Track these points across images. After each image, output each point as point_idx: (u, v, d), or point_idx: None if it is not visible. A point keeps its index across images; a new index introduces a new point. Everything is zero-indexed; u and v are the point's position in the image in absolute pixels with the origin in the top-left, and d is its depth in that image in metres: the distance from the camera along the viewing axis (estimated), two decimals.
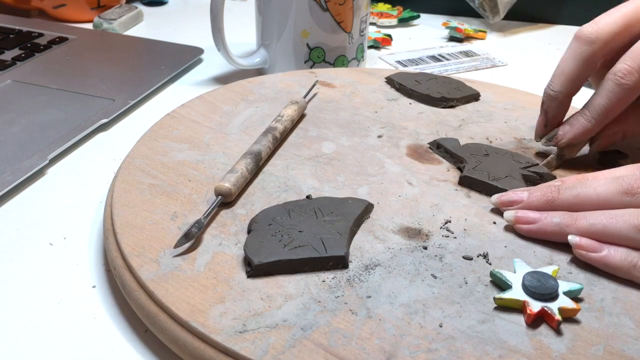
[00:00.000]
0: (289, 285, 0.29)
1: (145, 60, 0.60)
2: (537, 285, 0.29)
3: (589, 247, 0.31)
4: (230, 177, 0.35)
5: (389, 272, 0.31)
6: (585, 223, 0.31)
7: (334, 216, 0.33)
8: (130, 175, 0.37)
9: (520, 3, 0.76)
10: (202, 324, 0.27)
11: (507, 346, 0.27)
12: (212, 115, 0.45)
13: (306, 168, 0.39)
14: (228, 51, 0.55)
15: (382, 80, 0.53)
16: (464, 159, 0.39)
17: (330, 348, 0.26)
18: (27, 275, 0.33)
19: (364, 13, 0.58)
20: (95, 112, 0.49)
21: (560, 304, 0.28)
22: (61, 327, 0.30)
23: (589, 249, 0.31)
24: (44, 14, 0.74)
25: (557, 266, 0.30)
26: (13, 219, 0.38)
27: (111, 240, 0.33)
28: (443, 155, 0.41)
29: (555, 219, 0.32)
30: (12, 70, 0.56)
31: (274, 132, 0.41)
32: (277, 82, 0.51)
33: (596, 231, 0.31)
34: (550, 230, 0.32)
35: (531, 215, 0.33)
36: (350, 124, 0.45)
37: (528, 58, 0.68)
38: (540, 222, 0.33)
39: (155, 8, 0.81)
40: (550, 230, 0.32)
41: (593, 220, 0.31)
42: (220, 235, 0.33)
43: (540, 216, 0.33)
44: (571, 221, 0.32)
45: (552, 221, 0.32)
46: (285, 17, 0.55)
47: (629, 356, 0.27)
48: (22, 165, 0.41)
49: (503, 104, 0.50)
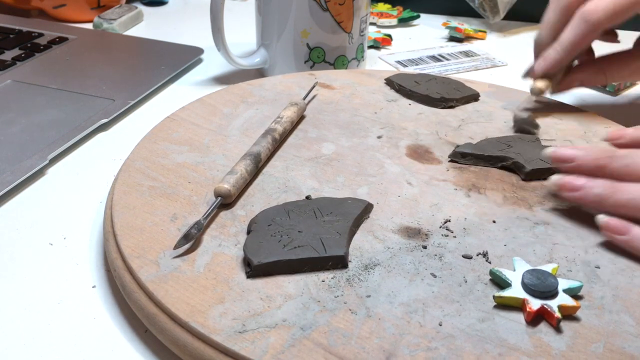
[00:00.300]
0: (289, 285, 0.29)
1: (145, 60, 0.61)
2: (536, 283, 0.29)
3: (615, 229, 0.31)
4: (230, 179, 0.35)
5: (389, 272, 0.31)
6: (624, 198, 0.31)
7: (333, 216, 0.33)
8: (130, 177, 0.37)
9: (520, 3, 0.76)
10: (202, 324, 0.27)
11: (507, 344, 0.27)
12: (211, 118, 0.45)
13: (306, 169, 0.39)
14: (228, 51, 0.55)
15: (382, 82, 0.53)
16: (507, 158, 0.40)
17: (330, 347, 0.26)
18: (27, 275, 0.33)
19: (364, 13, 0.58)
20: (95, 112, 0.49)
21: (560, 302, 0.28)
22: (61, 327, 0.30)
23: (615, 230, 0.31)
24: (44, 14, 0.74)
25: (556, 264, 0.30)
26: (13, 219, 0.38)
27: (111, 242, 0.33)
28: (474, 162, 0.41)
29: (597, 189, 0.33)
30: (12, 70, 0.56)
31: (273, 134, 0.41)
32: (276, 84, 0.51)
33: (634, 206, 0.31)
34: (590, 199, 0.33)
35: (575, 183, 0.33)
36: (349, 124, 0.45)
37: (528, 58, 0.68)
38: (583, 190, 0.33)
39: (155, 8, 0.81)
40: (590, 199, 0.33)
41: (632, 195, 0.31)
42: (219, 236, 0.33)
43: (583, 184, 0.33)
44: (611, 192, 0.32)
45: (592, 192, 0.33)
46: (285, 17, 0.55)
47: (629, 353, 0.27)
48: (22, 165, 0.41)
49: (503, 104, 0.50)
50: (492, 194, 0.37)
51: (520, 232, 0.34)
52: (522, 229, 0.34)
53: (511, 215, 0.35)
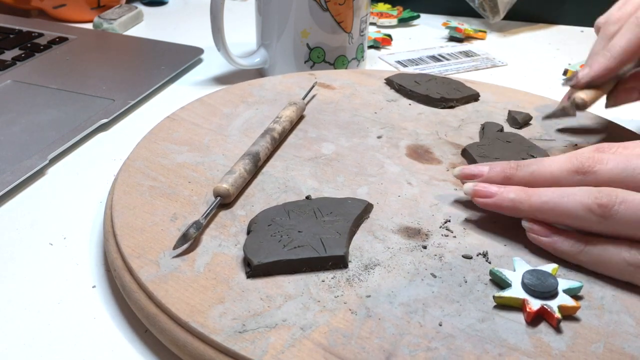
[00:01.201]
0: (289, 285, 0.29)
1: (145, 60, 0.61)
2: (536, 283, 0.29)
3: (540, 232, 0.31)
4: (229, 178, 0.35)
5: (389, 272, 0.31)
6: (538, 200, 0.31)
7: (333, 216, 0.33)
8: (130, 177, 0.37)
9: (520, 3, 0.76)
10: (202, 324, 0.27)
11: (507, 344, 0.27)
12: (211, 118, 0.45)
13: (306, 169, 0.39)
14: (228, 51, 0.55)
15: (382, 82, 0.53)
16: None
17: (330, 347, 0.26)
18: (27, 275, 0.33)
19: (364, 13, 0.58)
20: (95, 112, 0.49)
21: (560, 302, 0.28)
22: (61, 327, 0.30)
23: (540, 233, 0.31)
24: (44, 14, 0.74)
25: (556, 265, 0.30)
26: (13, 219, 0.38)
27: (111, 242, 0.33)
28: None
29: (511, 194, 0.32)
30: (12, 70, 0.56)
31: (272, 133, 0.41)
32: (276, 84, 0.51)
33: (548, 209, 0.31)
34: (505, 205, 0.33)
35: (489, 189, 0.33)
36: (349, 124, 0.45)
37: (528, 58, 0.68)
38: (497, 196, 0.33)
39: (155, 8, 0.81)
40: (505, 205, 0.33)
41: (546, 198, 0.31)
42: (219, 236, 0.33)
43: (497, 190, 0.33)
44: (525, 197, 0.32)
45: (507, 197, 0.32)
46: (285, 17, 0.55)
47: (629, 354, 0.27)
48: (22, 165, 0.41)
49: (503, 104, 0.50)
50: None
51: (520, 233, 0.34)
52: (522, 229, 0.34)
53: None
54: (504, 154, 0.40)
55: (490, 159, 0.39)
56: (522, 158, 0.38)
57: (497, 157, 0.39)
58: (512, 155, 0.39)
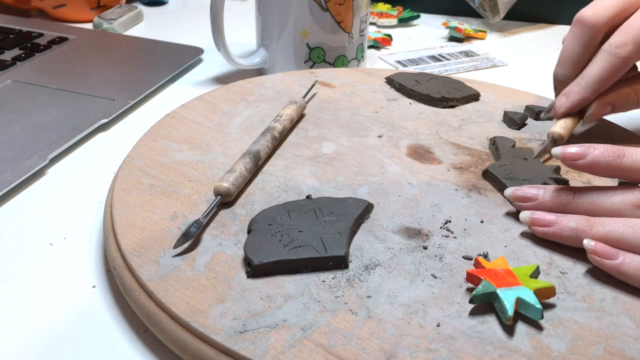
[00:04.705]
0: (289, 285, 0.29)
1: (145, 60, 0.60)
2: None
3: (604, 254, 0.30)
4: (229, 177, 0.35)
5: (389, 272, 0.31)
6: (602, 230, 0.31)
7: (334, 216, 0.33)
8: (130, 175, 0.37)
9: (520, 3, 0.76)
10: (202, 324, 0.27)
11: (507, 346, 0.27)
12: (212, 116, 0.45)
13: (306, 168, 0.39)
14: (228, 51, 0.55)
15: (382, 81, 0.53)
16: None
17: (330, 348, 0.26)
18: (27, 275, 0.33)
19: (364, 13, 0.58)
20: (95, 112, 0.49)
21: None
22: (61, 327, 0.30)
23: (604, 255, 0.30)
24: (44, 14, 0.74)
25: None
26: (13, 219, 0.38)
27: (111, 241, 0.33)
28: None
29: (572, 223, 0.31)
30: (12, 70, 0.56)
31: (273, 132, 0.41)
32: (277, 83, 0.51)
33: (612, 239, 0.30)
34: (566, 234, 0.32)
35: (547, 218, 0.32)
36: (350, 124, 0.45)
37: (528, 58, 0.68)
38: (557, 225, 0.32)
39: (155, 8, 0.81)
40: (566, 234, 0.32)
41: (610, 228, 0.30)
42: (220, 236, 0.33)
43: (557, 219, 0.32)
44: (588, 227, 0.31)
45: (568, 225, 0.32)
46: (285, 17, 0.55)
47: (629, 356, 0.27)
48: (22, 165, 0.41)
49: (503, 104, 0.50)
50: (493, 195, 0.37)
51: (520, 234, 0.34)
52: (522, 230, 0.34)
53: (511, 216, 0.35)
54: (529, 174, 0.38)
55: (519, 180, 0.37)
56: (549, 177, 0.38)
57: (525, 179, 0.37)
58: (539, 177, 0.38)
